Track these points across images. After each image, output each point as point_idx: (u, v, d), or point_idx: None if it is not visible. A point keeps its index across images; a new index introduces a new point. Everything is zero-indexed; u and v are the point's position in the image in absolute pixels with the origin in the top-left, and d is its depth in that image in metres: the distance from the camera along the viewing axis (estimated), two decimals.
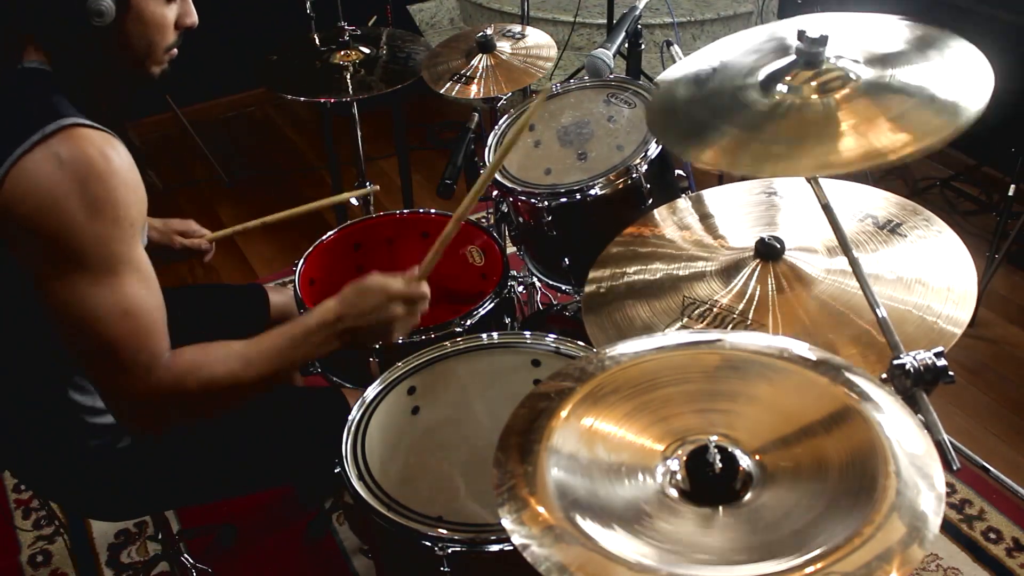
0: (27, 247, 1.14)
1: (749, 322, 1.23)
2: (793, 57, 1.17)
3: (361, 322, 1.30)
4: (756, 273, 1.29)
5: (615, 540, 0.80)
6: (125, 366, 1.17)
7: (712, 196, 1.53)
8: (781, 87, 1.15)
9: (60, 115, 1.13)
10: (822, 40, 1.14)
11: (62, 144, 1.12)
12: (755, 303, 1.25)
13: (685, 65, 1.31)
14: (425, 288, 1.35)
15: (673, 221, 1.49)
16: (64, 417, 1.36)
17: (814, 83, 1.14)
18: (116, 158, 1.15)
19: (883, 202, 1.39)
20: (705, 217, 1.49)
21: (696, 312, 1.27)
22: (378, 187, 2.20)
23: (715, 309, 1.26)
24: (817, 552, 0.76)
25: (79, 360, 1.21)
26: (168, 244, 1.74)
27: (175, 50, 1.30)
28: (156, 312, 1.21)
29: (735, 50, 1.29)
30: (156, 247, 1.71)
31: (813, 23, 1.17)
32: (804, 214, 1.41)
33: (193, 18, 1.29)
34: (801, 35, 1.15)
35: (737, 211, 1.48)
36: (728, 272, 1.31)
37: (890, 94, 1.09)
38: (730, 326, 1.23)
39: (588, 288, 1.38)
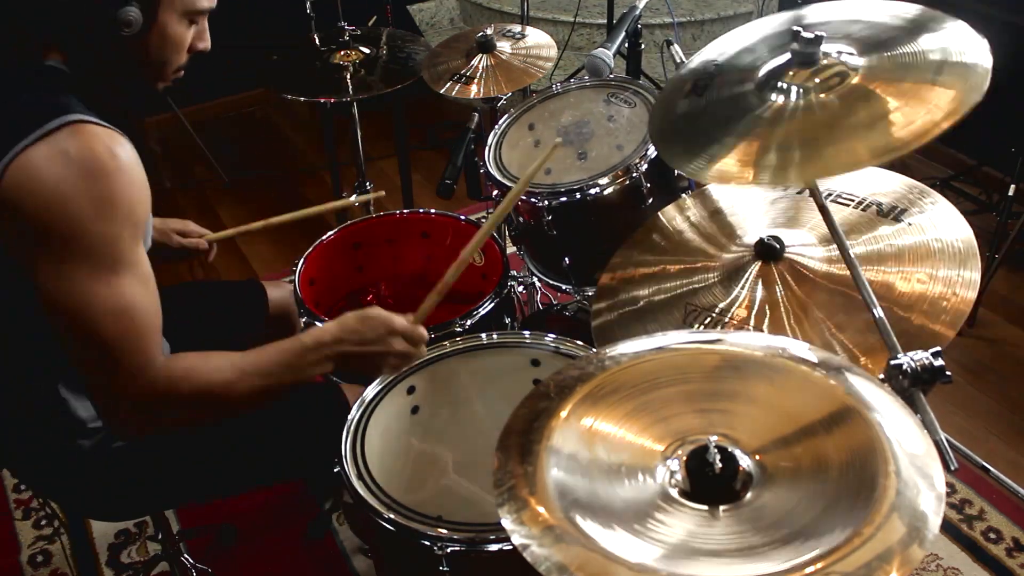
0: (27, 241, 1.14)
1: (749, 327, 1.23)
2: (789, 56, 1.17)
3: (359, 349, 1.30)
4: (758, 275, 1.28)
5: (615, 540, 0.80)
6: (118, 366, 1.17)
7: (714, 193, 1.53)
8: (780, 89, 1.15)
9: (67, 111, 1.14)
10: (818, 40, 1.14)
11: (69, 140, 1.12)
12: (756, 307, 1.25)
13: (681, 75, 1.30)
14: (424, 332, 1.35)
15: (675, 221, 1.49)
16: (55, 415, 1.35)
17: (813, 81, 1.13)
18: (123, 155, 1.16)
19: (889, 184, 1.38)
20: (710, 214, 1.48)
21: (699, 324, 1.26)
22: (383, 192, 2.19)
23: (720, 317, 1.26)
24: (817, 552, 0.76)
25: (73, 358, 1.21)
26: (166, 243, 1.74)
27: (182, 72, 1.32)
28: (152, 315, 1.21)
29: (730, 50, 1.28)
30: (154, 245, 1.70)
31: (807, 14, 1.16)
32: (805, 209, 1.40)
33: (206, 43, 1.31)
34: (796, 35, 1.15)
35: (739, 207, 1.47)
36: (730, 278, 1.31)
37: (893, 76, 1.08)
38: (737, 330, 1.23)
39: (596, 321, 1.37)
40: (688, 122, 1.21)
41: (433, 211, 2.01)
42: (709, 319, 1.26)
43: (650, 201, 1.73)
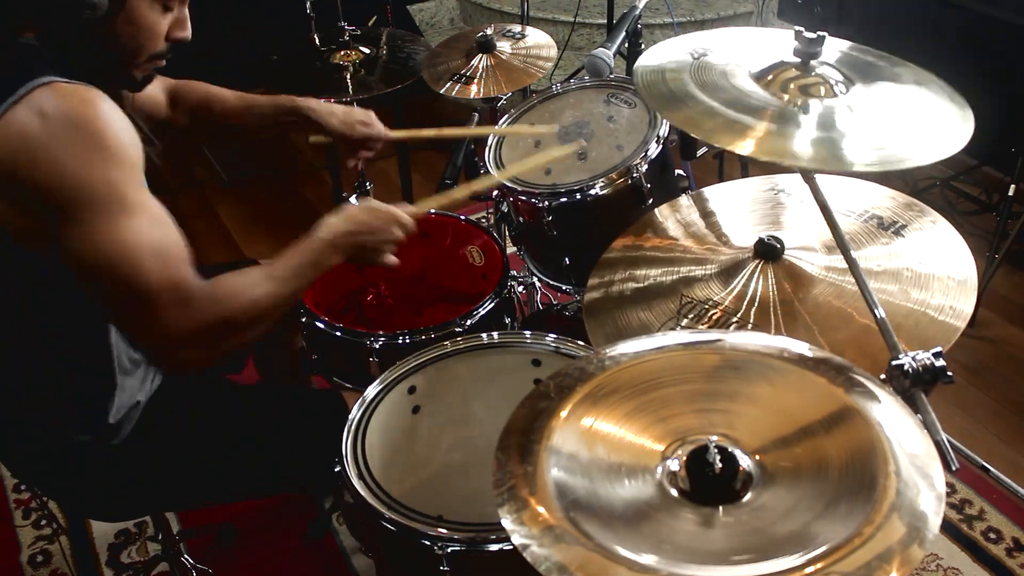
0: (38, 209, 1.13)
1: (747, 324, 1.23)
2: (787, 56, 1.20)
3: (369, 239, 1.39)
4: (756, 273, 1.29)
5: (615, 540, 0.80)
6: (161, 304, 1.16)
7: (713, 194, 1.53)
8: (763, 80, 1.19)
9: (38, 75, 1.13)
10: (819, 40, 1.15)
11: (44, 98, 1.11)
12: (754, 304, 1.25)
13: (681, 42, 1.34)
14: (414, 223, 1.46)
15: (673, 221, 1.49)
16: (53, 409, 1.35)
17: (794, 84, 1.16)
18: (101, 103, 1.15)
19: (889, 201, 1.39)
20: (706, 216, 1.49)
21: (693, 314, 1.27)
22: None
23: (712, 311, 1.26)
24: (817, 552, 0.76)
25: (112, 313, 1.21)
26: (348, 133, 1.73)
27: (163, 61, 1.30)
28: (178, 246, 1.20)
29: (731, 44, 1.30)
30: (337, 136, 1.74)
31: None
32: (806, 213, 1.41)
33: (186, 32, 1.29)
34: (798, 35, 1.16)
35: (738, 210, 1.48)
36: (727, 273, 1.31)
37: (858, 117, 1.12)
38: (728, 327, 1.23)
39: (589, 295, 1.38)
40: (674, 71, 1.25)
41: (433, 211, 2.01)
42: (703, 311, 1.27)
43: (650, 201, 1.72)
